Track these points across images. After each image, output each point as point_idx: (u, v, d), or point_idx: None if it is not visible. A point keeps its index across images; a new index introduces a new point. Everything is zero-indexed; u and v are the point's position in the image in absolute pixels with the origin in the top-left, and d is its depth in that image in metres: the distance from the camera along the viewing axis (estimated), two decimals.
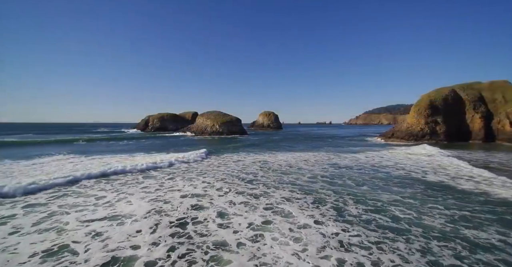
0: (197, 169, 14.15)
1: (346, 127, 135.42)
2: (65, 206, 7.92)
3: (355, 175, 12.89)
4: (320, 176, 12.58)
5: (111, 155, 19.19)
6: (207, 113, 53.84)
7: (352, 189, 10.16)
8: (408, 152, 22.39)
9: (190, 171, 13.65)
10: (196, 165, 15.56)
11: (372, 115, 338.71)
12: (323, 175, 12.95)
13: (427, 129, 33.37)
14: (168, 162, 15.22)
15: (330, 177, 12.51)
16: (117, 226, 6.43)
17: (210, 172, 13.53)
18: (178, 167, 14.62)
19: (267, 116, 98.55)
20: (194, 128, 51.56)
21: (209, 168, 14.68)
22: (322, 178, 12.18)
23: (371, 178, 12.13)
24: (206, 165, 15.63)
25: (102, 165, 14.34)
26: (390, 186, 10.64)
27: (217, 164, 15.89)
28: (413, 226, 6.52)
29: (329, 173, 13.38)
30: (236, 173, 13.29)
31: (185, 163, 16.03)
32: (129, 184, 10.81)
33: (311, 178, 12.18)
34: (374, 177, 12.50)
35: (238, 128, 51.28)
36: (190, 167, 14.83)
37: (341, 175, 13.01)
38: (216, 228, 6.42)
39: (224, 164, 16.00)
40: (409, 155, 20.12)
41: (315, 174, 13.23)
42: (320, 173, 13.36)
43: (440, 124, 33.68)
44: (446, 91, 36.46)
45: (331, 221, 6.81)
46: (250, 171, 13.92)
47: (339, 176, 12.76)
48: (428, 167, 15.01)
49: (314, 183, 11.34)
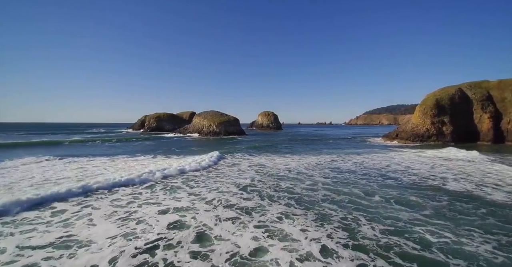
0: (184, 176, 12.60)
1: (347, 128, 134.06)
2: (8, 225, 6.36)
3: (362, 182, 11.34)
4: (322, 183, 11.04)
5: (89, 159, 17.63)
6: (204, 113, 52.25)
7: (361, 201, 8.61)
8: (421, 154, 20.83)
9: (176, 178, 12.10)
10: (187, 171, 14.01)
11: (373, 116, 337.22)
12: (325, 182, 11.41)
13: (434, 130, 31.84)
14: (150, 175, 11.64)
15: (333, 184, 10.97)
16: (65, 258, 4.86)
17: (199, 177, 11.97)
18: (163, 177, 13.06)
19: (267, 116, 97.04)
20: (191, 128, 49.98)
21: (198, 173, 13.11)
22: (324, 186, 10.64)
23: (381, 187, 10.57)
24: (195, 169, 14.06)
25: (79, 174, 12.76)
26: (407, 197, 9.08)
27: (209, 169, 14.32)
28: (451, 255, 4.97)
29: (332, 179, 11.84)
30: (230, 179, 11.72)
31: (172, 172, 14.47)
32: (96, 199, 9.24)
33: (312, 186, 10.64)
34: (385, 185, 10.95)
35: (236, 128, 49.71)
36: (177, 175, 13.28)
37: (345, 181, 11.47)
38: (189, 259, 4.86)
39: (216, 168, 14.43)
40: (420, 158, 18.56)
41: (315, 180, 11.70)
42: (321, 179, 11.83)
43: (447, 124, 32.16)
44: (452, 90, 34.94)
45: (341, 247, 5.26)
46: (245, 177, 12.36)
47: (343, 183, 11.22)
48: (448, 172, 13.40)
49: (315, 191, 9.83)
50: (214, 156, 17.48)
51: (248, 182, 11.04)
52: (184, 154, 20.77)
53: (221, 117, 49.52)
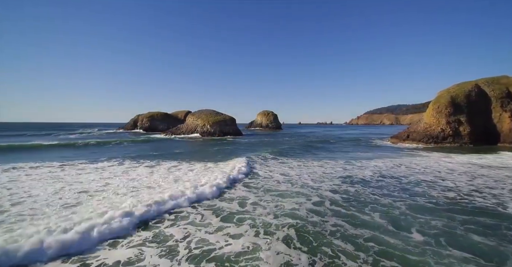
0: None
1: (348, 128, 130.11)
2: None
3: (383, 201, 8.30)
4: (330, 202, 8.03)
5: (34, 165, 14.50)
6: (198, 112, 49.12)
7: (390, 239, 5.58)
8: (445, 159, 17.67)
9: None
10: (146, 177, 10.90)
11: (374, 115, 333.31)
12: (334, 199, 8.42)
13: (449, 130, 28.64)
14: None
15: (345, 204, 7.99)
16: None
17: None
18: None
19: (266, 115, 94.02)
20: (184, 128, 46.85)
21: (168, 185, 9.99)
22: (334, 207, 7.62)
23: (413, 210, 7.51)
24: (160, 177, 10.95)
25: None
26: (463, 233, 5.96)
27: (186, 180, 11.20)
28: None
29: (343, 196, 8.82)
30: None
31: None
32: None
33: (319, 206, 7.56)
34: (417, 206, 7.88)
35: (232, 128, 46.58)
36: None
37: (360, 199, 8.46)
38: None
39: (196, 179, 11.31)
40: (447, 164, 15.37)
41: (323, 195, 8.76)
42: (330, 195, 8.87)
43: (464, 124, 28.95)
44: (468, 86, 31.74)
45: None
46: (236, 196, 9.26)
47: (358, 201, 8.21)
48: (498, 187, 10.21)
49: (322, 216, 6.89)
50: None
51: (238, 208, 7.93)
52: (151, 161, 17.66)
53: (216, 117, 46.37)
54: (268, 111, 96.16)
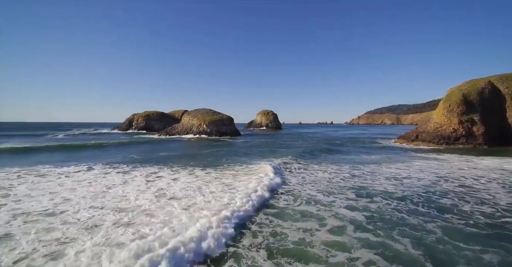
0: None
1: (350, 128, 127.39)
2: None
3: (411, 221, 6.41)
4: (350, 223, 5.99)
5: None
6: (194, 111, 47.07)
7: None
8: (468, 164, 15.57)
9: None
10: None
11: (375, 115, 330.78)
12: (354, 219, 6.47)
13: (462, 130, 26.56)
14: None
15: (369, 227, 6.02)
16: None
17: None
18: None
19: (266, 115, 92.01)
20: (179, 128, 44.80)
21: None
22: (356, 234, 5.60)
23: (451, 235, 5.71)
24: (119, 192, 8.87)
25: None
26: None
27: (153, 195, 9.13)
28: None
29: (363, 214, 6.86)
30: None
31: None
32: None
33: (336, 234, 5.50)
34: (453, 228, 6.03)
35: (230, 128, 44.50)
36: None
37: (385, 218, 6.53)
38: None
39: (172, 195, 9.18)
40: (473, 170, 13.22)
41: (339, 216, 6.72)
42: (347, 214, 6.84)
43: (477, 124, 26.86)
44: (481, 83, 29.64)
45: None
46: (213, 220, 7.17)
47: (384, 223, 6.15)
48: None
49: (344, 250, 4.91)
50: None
51: (217, 245, 5.83)
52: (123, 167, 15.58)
53: (212, 116, 44.31)
54: (268, 111, 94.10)
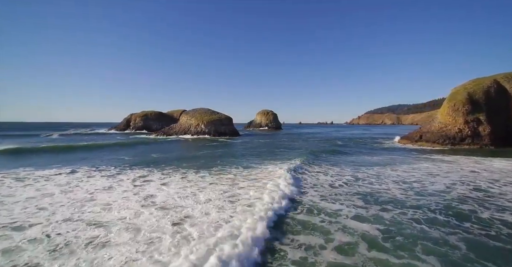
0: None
1: (350, 128, 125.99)
2: None
3: (433, 234, 5.54)
4: (361, 239, 5.09)
5: None
6: (192, 111, 46.15)
7: None
8: (479, 166, 14.70)
9: None
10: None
11: (375, 115, 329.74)
12: (365, 234, 5.48)
13: (468, 130, 25.70)
14: None
15: (389, 245, 4.99)
16: None
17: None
18: None
19: (265, 115, 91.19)
20: (177, 128, 43.91)
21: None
22: (370, 253, 4.71)
23: (476, 249, 4.91)
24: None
25: None
26: None
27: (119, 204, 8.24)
28: None
29: (377, 227, 5.95)
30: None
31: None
32: None
33: (347, 255, 4.61)
34: (478, 241, 5.08)
35: (229, 128, 43.62)
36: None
37: (406, 233, 5.55)
38: None
39: (145, 203, 8.24)
40: (488, 174, 12.30)
41: (347, 229, 5.73)
42: (357, 226, 5.87)
43: (483, 123, 26.00)
44: (487, 82, 28.79)
45: None
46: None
47: (404, 237, 5.25)
48: None
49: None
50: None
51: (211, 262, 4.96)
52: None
53: (211, 116, 43.42)
54: (267, 111, 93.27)
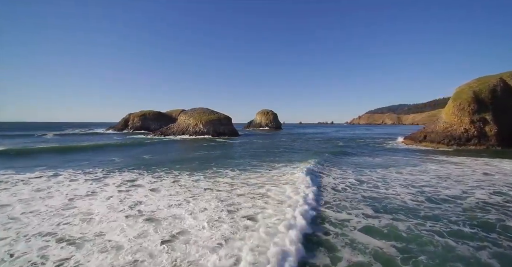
0: None
1: (351, 128, 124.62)
2: None
3: (460, 249, 4.85)
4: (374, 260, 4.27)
5: None
6: (190, 110, 45.37)
7: None
8: (490, 169, 13.91)
9: None
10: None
11: (375, 115, 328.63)
12: (383, 254, 4.64)
13: (474, 131, 24.88)
14: None
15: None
16: None
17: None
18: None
19: (265, 115, 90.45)
20: (175, 128, 43.13)
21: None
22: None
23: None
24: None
25: None
26: None
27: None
28: None
29: (396, 245, 5.05)
30: None
31: None
32: None
33: None
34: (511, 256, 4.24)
35: (228, 128, 42.84)
36: None
37: (430, 250, 4.71)
38: None
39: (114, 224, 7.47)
40: (504, 177, 11.51)
41: (358, 246, 4.85)
42: (372, 243, 5.01)
43: (490, 123, 25.19)
44: (493, 80, 27.97)
45: None
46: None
47: (428, 255, 4.41)
48: None
49: None
50: None
51: None
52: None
53: (209, 115, 42.64)
54: (267, 110, 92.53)
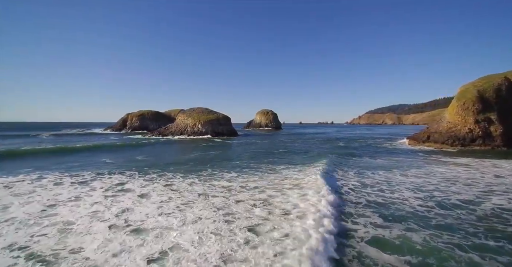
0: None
1: (352, 128, 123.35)
2: None
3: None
4: None
5: None
6: (189, 110, 44.71)
7: None
8: (501, 172, 13.26)
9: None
10: None
11: (375, 115, 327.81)
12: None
13: (479, 131, 24.24)
14: None
15: None
16: None
17: None
18: None
19: (265, 114, 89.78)
20: (173, 128, 42.49)
21: None
22: None
23: None
24: None
25: None
26: None
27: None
28: None
29: (405, 258, 4.39)
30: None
31: None
32: None
33: None
34: None
35: (226, 128, 42.19)
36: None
37: (442, 262, 4.05)
38: None
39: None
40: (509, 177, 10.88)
41: (351, 255, 4.25)
42: (383, 260, 4.39)
43: (495, 123, 24.55)
44: (498, 79, 27.33)
45: None
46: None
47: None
48: None
49: None
50: None
51: None
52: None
53: (208, 115, 41.98)
54: (267, 110, 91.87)
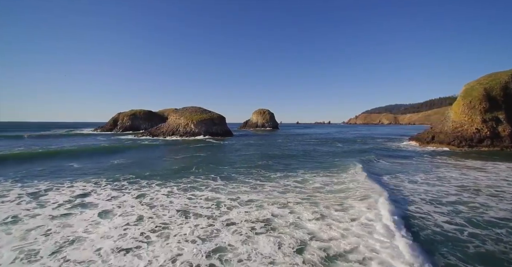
0: None
1: (350, 128, 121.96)
2: None
3: None
4: None
5: None
6: (182, 109, 42.85)
7: None
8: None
9: None
10: None
11: (372, 115, 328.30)
12: None
13: (486, 131, 22.88)
14: None
15: None
16: None
17: None
18: None
19: (262, 114, 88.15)
20: (165, 128, 40.58)
21: None
22: None
23: None
24: None
25: None
26: None
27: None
28: None
29: None
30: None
31: None
32: None
33: None
34: None
35: (221, 128, 40.44)
36: None
37: None
38: None
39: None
40: None
41: None
42: None
43: (503, 123, 23.24)
44: (504, 76, 26.05)
45: None
46: None
47: None
48: None
49: None
50: None
51: None
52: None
53: (201, 115, 40.17)
54: (264, 110, 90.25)
